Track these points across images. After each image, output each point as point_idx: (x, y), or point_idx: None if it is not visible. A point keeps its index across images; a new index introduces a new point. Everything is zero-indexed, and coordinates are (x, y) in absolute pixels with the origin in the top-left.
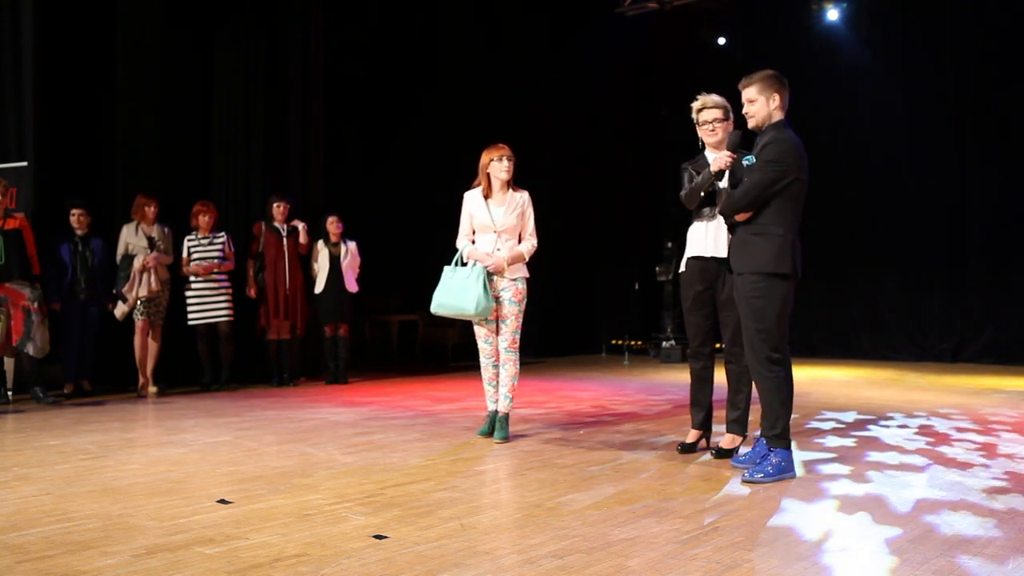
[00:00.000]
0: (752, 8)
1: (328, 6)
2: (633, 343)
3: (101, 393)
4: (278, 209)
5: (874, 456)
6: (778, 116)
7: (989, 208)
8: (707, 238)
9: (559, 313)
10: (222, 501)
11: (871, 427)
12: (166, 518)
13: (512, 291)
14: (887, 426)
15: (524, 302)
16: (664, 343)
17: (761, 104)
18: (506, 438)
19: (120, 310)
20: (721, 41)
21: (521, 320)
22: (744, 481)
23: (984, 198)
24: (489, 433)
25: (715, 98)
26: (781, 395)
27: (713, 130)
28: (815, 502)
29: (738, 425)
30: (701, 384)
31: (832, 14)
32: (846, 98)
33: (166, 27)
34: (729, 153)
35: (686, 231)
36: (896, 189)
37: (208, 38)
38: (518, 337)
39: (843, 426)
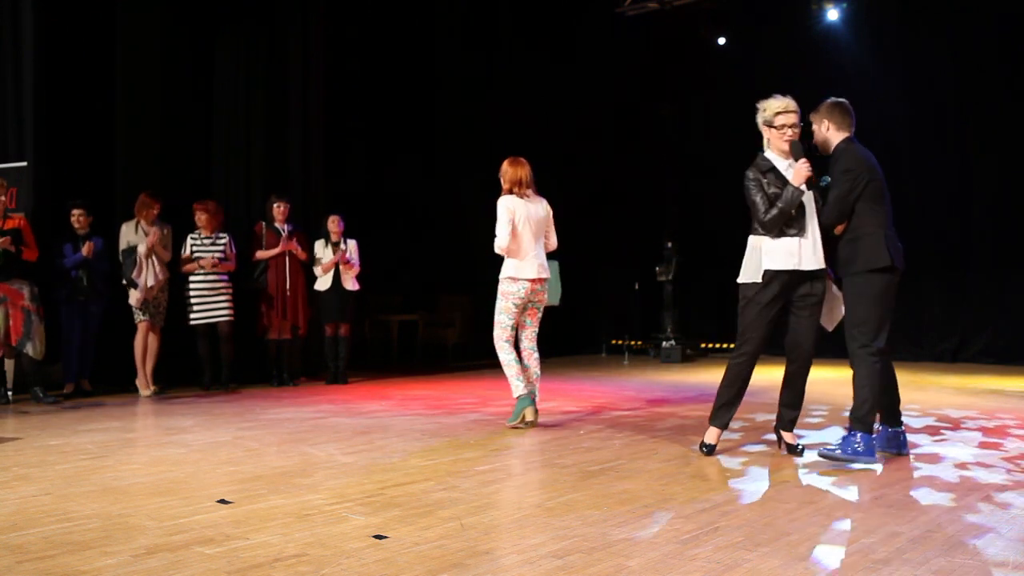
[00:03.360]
0: (752, 8)
1: (328, 6)
2: (633, 343)
3: (101, 393)
4: (278, 209)
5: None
6: (838, 137)
7: (990, 208)
8: (798, 252)
9: (559, 313)
10: (222, 501)
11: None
12: (166, 518)
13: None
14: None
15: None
16: (664, 343)
17: (824, 127)
18: None
19: (135, 296)
20: (721, 41)
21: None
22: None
23: (985, 198)
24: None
25: (793, 102)
26: (872, 383)
27: (791, 136)
28: (815, 502)
29: (795, 424)
30: (742, 384)
31: (832, 14)
32: (846, 97)
33: (166, 27)
34: (807, 163)
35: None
36: (896, 189)
37: (208, 38)
38: None
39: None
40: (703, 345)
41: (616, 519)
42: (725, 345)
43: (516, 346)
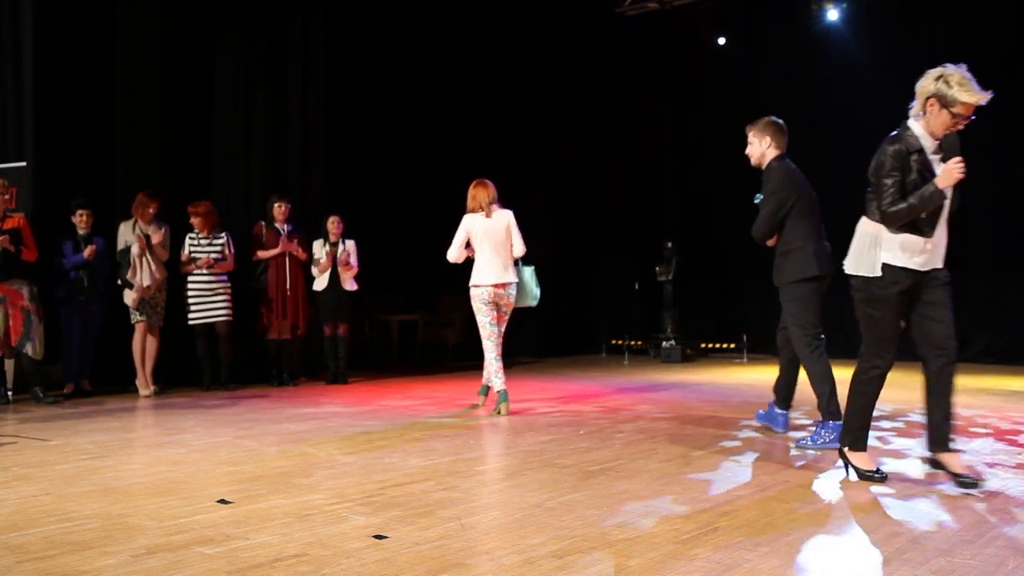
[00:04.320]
0: (752, 8)
1: (328, 6)
2: (633, 343)
3: (101, 393)
4: (279, 209)
5: (875, 457)
6: (772, 154)
7: (990, 208)
8: (925, 252)
9: (559, 313)
10: (222, 501)
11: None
12: (166, 518)
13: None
14: (888, 426)
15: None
16: (664, 343)
17: (764, 143)
18: None
19: (130, 297)
20: (721, 41)
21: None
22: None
23: (985, 198)
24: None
25: (986, 96)
26: (826, 376)
27: (959, 128)
28: (815, 502)
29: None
30: (875, 398)
31: (832, 14)
32: (846, 98)
33: (166, 27)
34: (961, 163)
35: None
36: None
37: (208, 38)
38: None
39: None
40: (703, 345)
41: (616, 519)
42: (725, 345)
43: (476, 343)
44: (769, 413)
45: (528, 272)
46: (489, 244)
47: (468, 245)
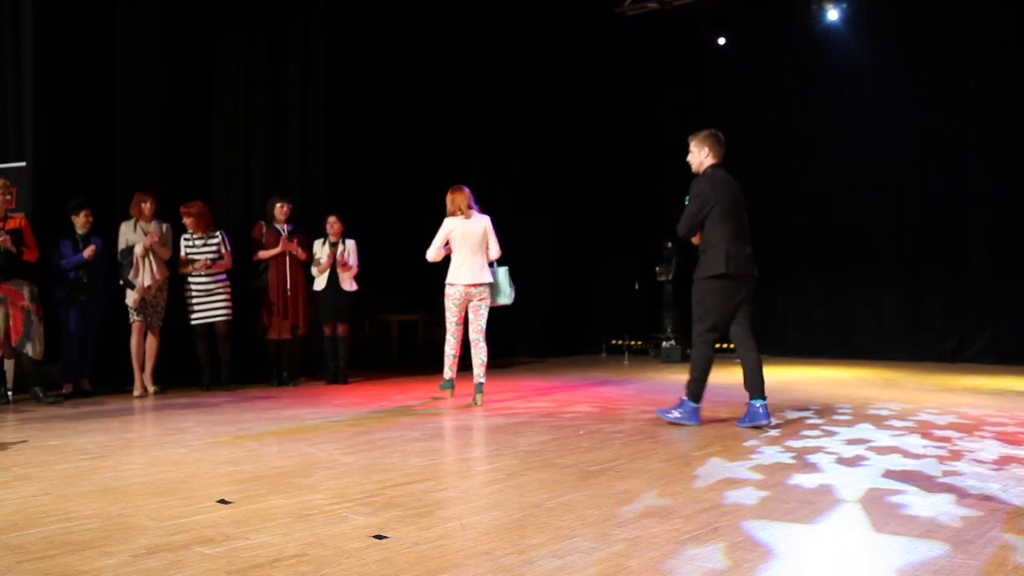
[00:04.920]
0: (752, 8)
1: (328, 6)
2: (633, 343)
3: (101, 393)
4: (281, 209)
5: (876, 457)
6: (709, 162)
7: (990, 207)
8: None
9: (559, 313)
10: (222, 501)
11: (872, 427)
12: (166, 518)
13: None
14: (889, 426)
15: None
16: (664, 343)
17: (703, 153)
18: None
19: (131, 297)
20: (721, 41)
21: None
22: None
23: (985, 197)
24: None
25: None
26: (705, 364)
27: None
28: (815, 502)
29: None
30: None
31: (832, 14)
32: (846, 97)
33: (166, 27)
34: None
35: None
36: (897, 188)
37: (208, 38)
38: None
39: (844, 426)
40: None
41: (616, 519)
42: (725, 345)
43: (466, 341)
44: (749, 412)
45: (502, 273)
46: (467, 246)
47: (447, 245)
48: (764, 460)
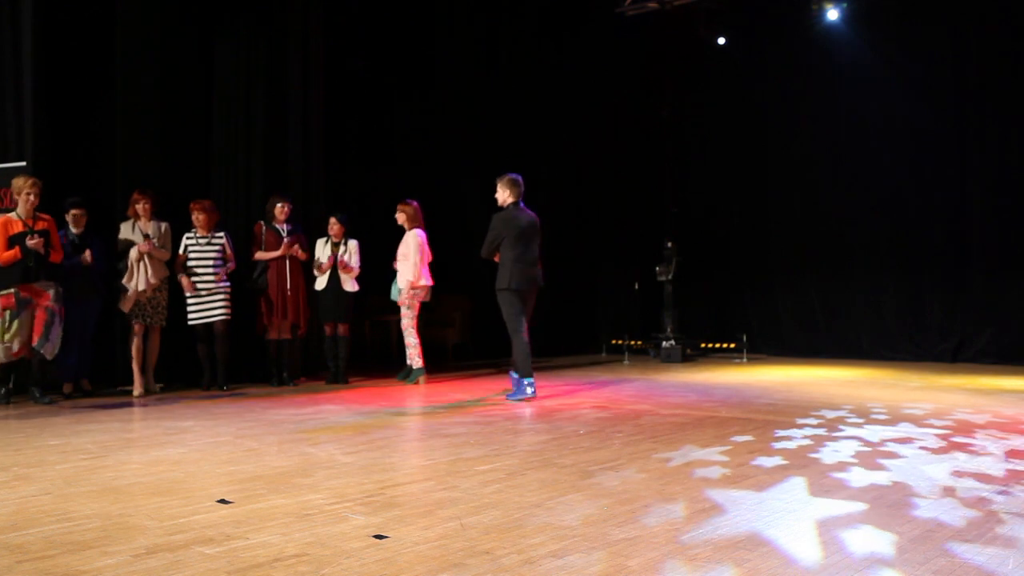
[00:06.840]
0: (752, 8)
1: (328, 6)
2: (633, 343)
3: (101, 393)
4: (281, 209)
5: (876, 457)
6: (510, 200)
7: (990, 207)
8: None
9: (559, 313)
10: (222, 501)
11: (873, 427)
12: (166, 518)
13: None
14: (890, 426)
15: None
16: (664, 343)
17: (505, 194)
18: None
19: (124, 302)
20: (721, 41)
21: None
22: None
23: (985, 197)
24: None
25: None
26: (524, 353)
27: None
28: (816, 502)
29: None
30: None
31: (832, 14)
32: (846, 97)
33: (166, 27)
34: None
35: None
36: (897, 188)
37: (208, 38)
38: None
39: (844, 426)
40: (703, 345)
41: (616, 519)
42: (725, 345)
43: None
44: (518, 388)
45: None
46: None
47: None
48: (763, 460)
